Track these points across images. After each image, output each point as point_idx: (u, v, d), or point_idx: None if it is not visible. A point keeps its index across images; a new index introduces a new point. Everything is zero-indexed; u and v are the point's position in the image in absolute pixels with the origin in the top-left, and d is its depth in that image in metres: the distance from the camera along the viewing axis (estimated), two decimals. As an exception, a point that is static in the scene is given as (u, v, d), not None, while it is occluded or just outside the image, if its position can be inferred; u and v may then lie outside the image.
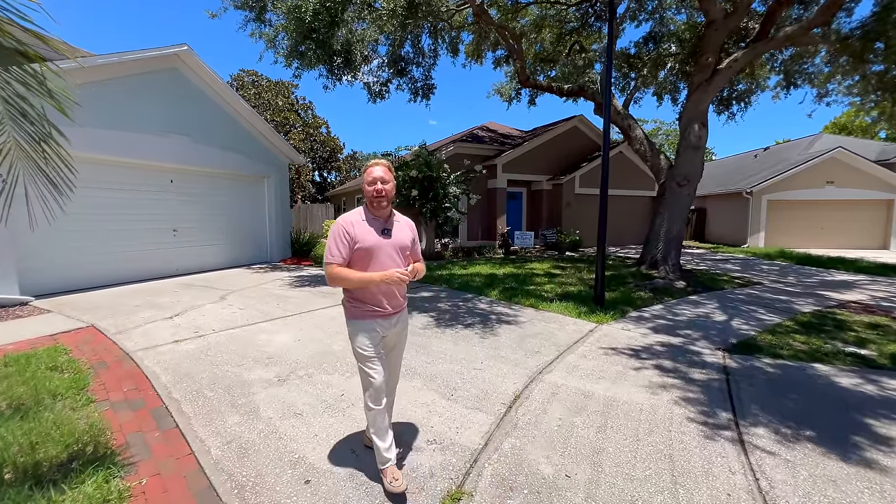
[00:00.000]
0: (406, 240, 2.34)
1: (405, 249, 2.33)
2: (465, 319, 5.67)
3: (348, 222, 2.22)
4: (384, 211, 2.28)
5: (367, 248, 2.19)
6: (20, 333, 4.48)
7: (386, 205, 2.25)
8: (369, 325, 2.23)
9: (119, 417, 2.92)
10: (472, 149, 14.94)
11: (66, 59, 6.37)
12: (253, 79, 24.72)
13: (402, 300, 2.38)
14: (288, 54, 7.56)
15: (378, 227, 2.25)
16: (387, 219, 2.31)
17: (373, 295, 2.23)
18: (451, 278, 8.61)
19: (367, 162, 13.84)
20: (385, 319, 2.27)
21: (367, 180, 2.24)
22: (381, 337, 2.28)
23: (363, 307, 2.24)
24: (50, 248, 6.10)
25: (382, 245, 2.23)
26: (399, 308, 2.35)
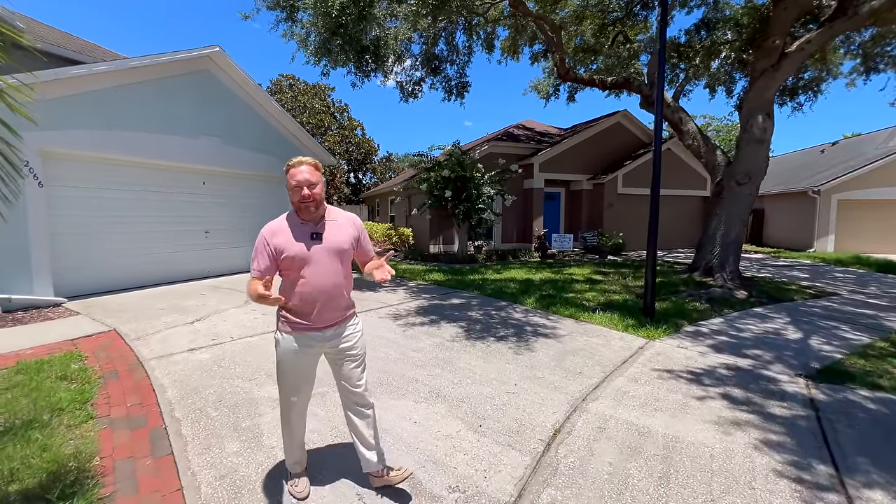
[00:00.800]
0: (342, 242, 2.08)
1: (344, 253, 2.09)
2: (497, 331, 5.19)
3: (270, 231, 2.01)
4: (314, 214, 2.03)
5: (292, 256, 1.97)
6: (45, 337, 4.44)
7: (315, 209, 2.02)
8: (296, 340, 2.04)
9: (114, 438, 2.67)
10: (507, 148, 14.38)
11: (99, 61, 6.47)
12: (290, 83, 25.26)
13: (341, 313, 2.12)
14: (315, 51, 7.37)
15: (306, 232, 2.02)
16: (317, 222, 2.06)
17: (306, 305, 2.01)
18: (483, 283, 8.13)
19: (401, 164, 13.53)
20: (317, 332, 2.05)
21: (290, 185, 1.99)
22: (313, 353, 2.10)
23: (290, 320, 2.04)
24: (85, 250, 6.18)
25: (313, 252, 2.00)
26: (335, 321, 2.09)
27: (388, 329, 5.14)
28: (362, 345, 2.22)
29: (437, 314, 5.91)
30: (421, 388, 3.49)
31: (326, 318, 2.06)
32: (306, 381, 2.15)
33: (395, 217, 18.79)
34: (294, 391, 2.12)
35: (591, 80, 11.40)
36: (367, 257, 2.27)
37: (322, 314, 2.04)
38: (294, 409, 2.15)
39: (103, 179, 6.35)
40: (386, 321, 5.50)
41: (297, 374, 2.10)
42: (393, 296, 7.05)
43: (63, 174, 5.86)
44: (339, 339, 2.11)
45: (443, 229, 13.65)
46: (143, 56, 6.51)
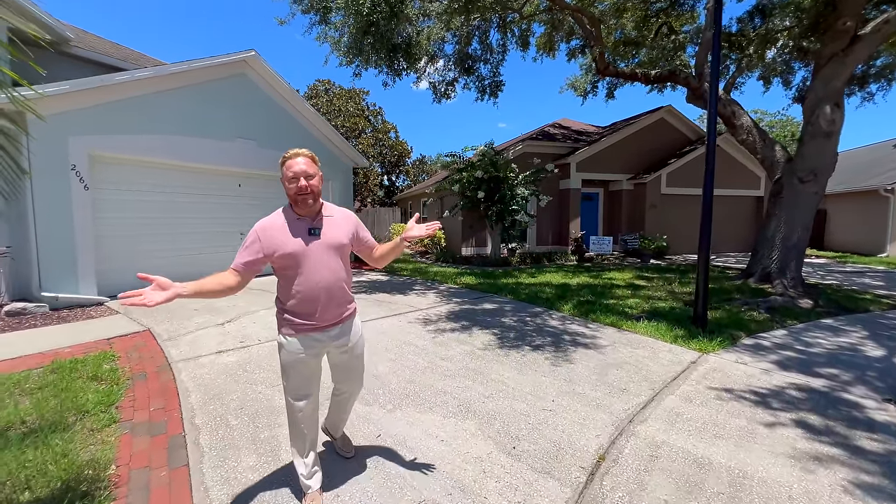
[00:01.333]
0: (341, 237, 2.01)
1: (342, 248, 2.02)
2: (533, 339, 4.86)
3: (262, 227, 1.92)
4: (311, 209, 1.95)
5: (289, 253, 1.88)
6: (84, 335, 4.54)
7: (312, 202, 1.92)
8: (301, 341, 1.95)
9: (133, 445, 2.60)
10: (542, 147, 13.93)
11: (143, 67, 6.67)
12: (326, 87, 25.79)
13: (344, 307, 2.05)
14: (347, 51, 7.32)
15: (303, 227, 1.94)
16: (314, 217, 1.97)
17: (308, 304, 1.93)
18: (517, 288, 7.79)
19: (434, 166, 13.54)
20: (321, 332, 1.98)
21: (286, 176, 1.90)
22: (318, 354, 2.02)
23: (294, 321, 1.95)
24: (126, 250, 6.38)
25: (311, 247, 1.92)
26: (338, 319, 2.02)
27: (416, 335, 4.93)
28: (363, 342, 2.22)
29: (469, 320, 5.66)
30: (450, 402, 3.25)
31: (330, 315, 1.98)
32: (314, 385, 2.07)
33: (428, 219, 18.71)
34: (303, 396, 2.03)
35: (632, 74, 10.81)
36: (369, 247, 2.20)
37: (325, 312, 1.96)
38: (305, 415, 2.04)
39: (144, 182, 6.55)
40: (415, 326, 5.30)
41: (305, 378, 2.02)
42: (423, 299, 6.86)
43: (107, 177, 6.07)
44: (345, 338, 2.06)
45: (475, 231, 13.37)
46: (182, 62, 6.67)
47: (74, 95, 5.50)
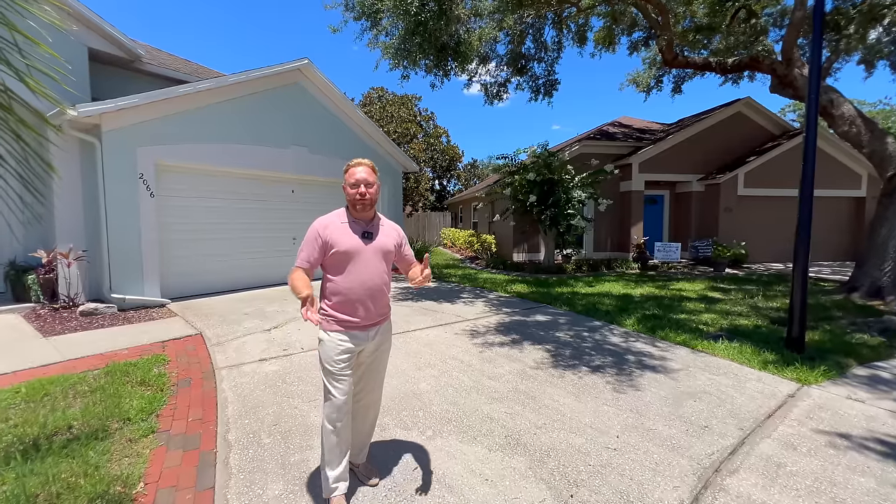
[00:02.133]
0: (389, 245, 2.16)
1: (389, 255, 2.16)
2: (591, 358, 4.36)
3: (322, 225, 2.07)
4: (367, 214, 2.11)
5: (344, 251, 2.03)
6: (142, 337, 4.71)
7: (369, 208, 2.09)
8: (344, 338, 2.04)
9: (165, 461, 2.51)
10: (601, 147, 13.12)
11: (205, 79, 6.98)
12: (380, 94, 26.36)
13: (384, 310, 2.18)
14: (395, 53, 7.20)
15: (358, 230, 2.08)
16: (369, 222, 2.13)
17: (352, 305, 2.04)
18: (573, 298, 7.23)
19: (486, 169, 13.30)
20: (363, 331, 2.09)
21: (348, 182, 2.06)
22: (357, 351, 2.09)
23: (339, 317, 2.05)
24: (186, 255, 6.68)
25: (363, 249, 2.06)
26: (378, 319, 2.14)
27: (462, 349, 4.61)
28: (390, 347, 2.31)
29: (520, 333, 5.24)
30: (496, 431, 2.89)
31: (371, 315, 2.09)
32: (348, 382, 2.09)
33: (478, 224, 18.37)
34: (340, 391, 2.05)
35: (705, 64, 9.81)
36: (408, 264, 2.31)
37: (367, 312, 2.07)
38: (339, 411, 2.05)
39: (204, 189, 6.84)
40: (461, 339, 4.98)
41: (341, 374, 2.05)
42: (471, 308, 6.53)
43: (170, 185, 6.39)
44: (379, 338, 2.17)
45: (527, 236, 12.83)
46: (240, 72, 6.91)
47: (142, 108, 5.83)
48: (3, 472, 2.26)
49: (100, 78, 6.49)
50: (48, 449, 2.49)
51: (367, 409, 2.31)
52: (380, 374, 2.28)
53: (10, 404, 3.05)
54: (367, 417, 2.33)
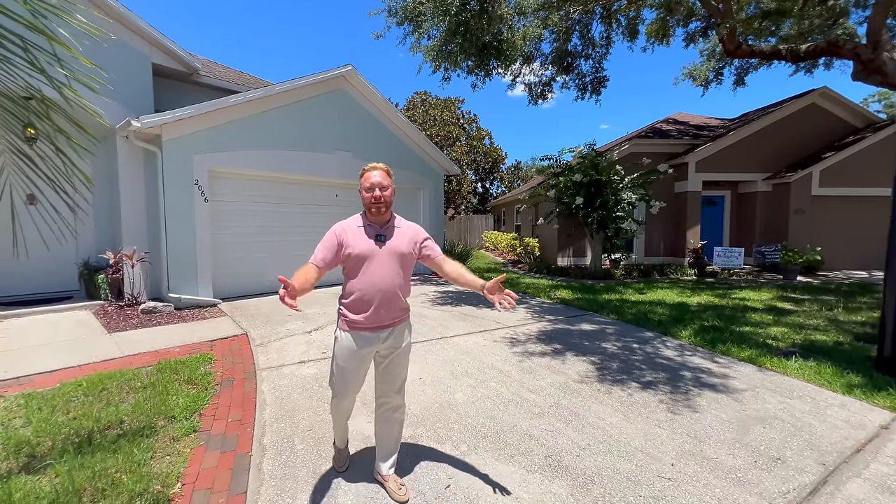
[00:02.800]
0: (402, 246, 2.16)
1: (403, 256, 2.16)
2: (641, 373, 4.03)
3: (341, 228, 2.15)
4: (382, 217, 2.16)
5: (357, 254, 2.08)
6: (193, 336, 4.94)
7: (384, 211, 2.14)
8: (353, 338, 2.11)
9: (203, 461, 2.54)
10: (653, 146, 12.38)
11: (255, 89, 7.28)
12: (423, 99, 26.60)
13: (398, 314, 2.19)
14: (436, 56, 7.15)
15: (372, 233, 2.14)
16: (383, 225, 2.17)
17: (363, 304, 2.09)
18: (622, 306, 6.81)
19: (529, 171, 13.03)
20: (373, 333, 2.12)
21: (364, 186, 2.13)
22: (367, 353, 2.15)
23: (349, 318, 2.12)
24: (237, 257, 6.98)
25: (376, 252, 2.10)
26: (390, 322, 2.15)
27: (501, 358, 4.43)
28: (407, 357, 2.28)
29: (563, 342, 4.97)
30: (536, 450, 2.69)
31: (383, 317, 2.11)
32: (357, 381, 2.20)
33: (521, 227, 18.00)
34: (344, 389, 2.18)
35: (773, 52, 8.94)
36: (434, 260, 2.24)
37: (379, 313, 2.09)
38: (343, 404, 2.24)
39: (251, 194, 7.12)
40: (500, 347, 4.79)
41: (351, 373, 2.15)
42: (511, 315, 6.31)
43: (221, 190, 6.70)
44: (392, 340, 2.17)
45: (573, 240, 12.35)
46: (287, 81, 7.15)
47: (198, 118, 6.16)
48: (57, 464, 2.37)
49: (161, 91, 6.96)
50: (99, 443, 2.60)
51: (390, 416, 2.30)
52: (397, 378, 2.26)
53: (72, 397, 3.25)
54: (392, 425, 2.31)
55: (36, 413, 2.98)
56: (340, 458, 2.47)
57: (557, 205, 10.58)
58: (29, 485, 2.21)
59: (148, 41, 6.50)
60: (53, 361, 3.99)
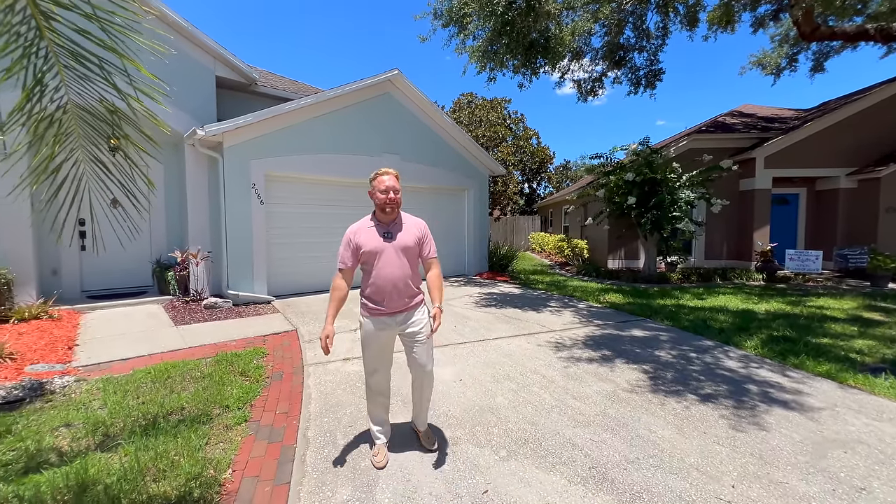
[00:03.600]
0: (409, 241, 2.45)
1: (409, 250, 2.44)
2: (699, 384, 3.74)
3: (353, 230, 2.45)
4: (390, 216, 2.44)
5: (369, 250, 2.38)
6: (248, 330, 5.23)
7: (391, 210, 2.42)
8: (373, 322, 2.44)
9: (252, 450, 2.67)
10: (715, 141, 11.55)
11: (306, 95, 7.60)
12: (469, 100, 26.58)
13: (410, 299, 2.47)
14: (481, 56, 7.10)
15: (381, 231, 2.43)
16: (390, 223, 2.45)
17: (377, 292, 2.41)
18: (677, 312, 6.39)
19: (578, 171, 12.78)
20: (388, 317, 2.43)
21: (378, 189, 2.39)
22: (386, 335, 2.47)
23: (368, 305, 2.45)
24: (289, 256, 7.32)
25: (384, 247, 2.39)
26: (402, 307, 2.45)
27: (544, 363, 4.29)
28: (427, 330, 2.51)
29: (612, 349, 4.74)
30: (579, 460, 2.57)
31: (395, 304, 2.42)
32: (383, 360, 2.53)
33: (569, 228, 17.47)
34: (373, 367, 2.52)
35: (859, 32, 8.04)
36: (425, 260, 2.56)
37: (391, 301, 2.41)
38: (374, 383, 2.54)
39: (303, 196, 7.44)
40: (544, 351, 4.65)
41: (375, 352, 2.49)
42: (557, 318, 6.11)
43: (275, 193, 7.06)
44: (406, 325, 2.47)
45: (624, 241, 11.79)
46: (336, 87, 7.40)
47: (255, 125, 6.54)
48: (126, 445, 2.59)
49: (222, 101, 7.46)
50: (162, 427, 2.81)
51: (420, 386, 2.58)
52: (421, 356, 2.50)
53: (142, 383, 3.55)
54: (422, 394, 2.62)
55: (111, 396, 3.27)
56: (378, 454, 2.54)
57: (608, 205, 10.15)
58: (102, 461, 2.43)
59: (212, 55, 7.01)
60: (128, 350, 4.38)
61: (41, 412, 3.03)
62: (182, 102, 6.61)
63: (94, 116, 2.36)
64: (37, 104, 2.17)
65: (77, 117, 2.34)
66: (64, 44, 2.06)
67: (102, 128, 2.38)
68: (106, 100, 2.29)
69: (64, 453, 2.53)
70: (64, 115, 2.30)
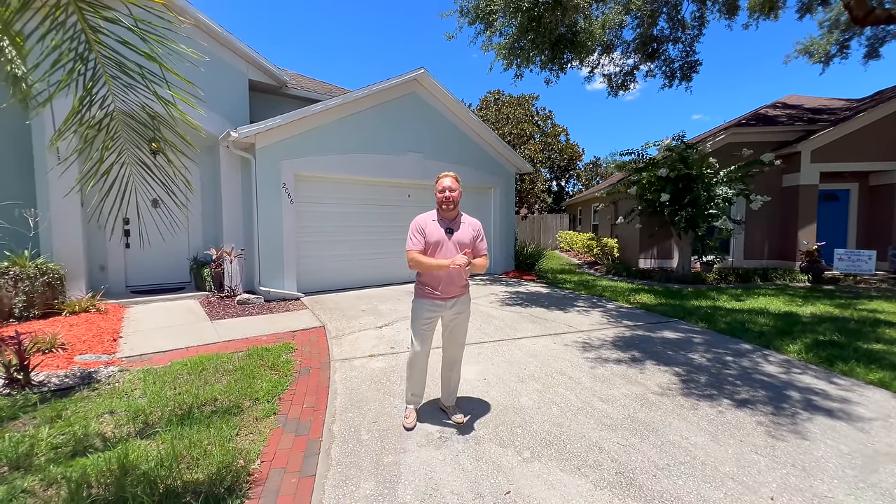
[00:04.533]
0: (465, 238, 2.78)
1: (465, 246, 2.75)
2: (736, 389, 3.57)
3: (423, 220, 2.79)
4: (451, 213, 2.79)
5: (433, 242, 2.72)
6: (278, 326, 5.39)
7: (452, 208, 2.76)
8: (427, 304, 2.80)
9: (280, 442, 2.74)
10: (755, 134, 10.98)
11: (334, 96, 7.75)
12: (496, 97, 26.36)
13: (460, 290, 2.84)
14: (508, 53, 7.02)
15: (444, 226, 2.77)
16: (452, 220, 2.80)
17: (435, 281, 2.76)
18: (713, 313, 6.13)
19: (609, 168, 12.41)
20: (442, 301, 2.79)
21: (437, 188, 2.76)
22: (437, 316, 2.83)
23: (425, 289, 2.80)
24: (317, 254, 7.49)
25: (446, 241, 2.74)
26: (455, 294, 2.82)
27: (570, 363, 4.20)
28: (467, 321, 2.98)
29: (642, 350, 4.59)
30: (606, 464, 2.50)
31: (449, 290, 2.79)
32: (428, 336, 2.88)
33: (599, 226, 17.06)
34: (422, 342, 2.86)
35: (919, 14, 7.43)
36: (478, 254, 2.86)
37: (446, 288, 2.77)
38: (417, 355, 2.88)
39: (330, 195, 7.59)
40: (571, 351, 4.55)
41: (426, 329, 2.85)
42: (585, 318, 5.98)
43: (303, 193, 7.24)
44: (454, 309, 2.85)
45: (657, 240, 11.41)
46: (363, 88, 7.50)
47: (285, 127, 6.73)
48: (163, 433, 2.72)
49: (255, 104, 7.71)
50: (196, 417, 2.93)
51: (451, 363, 3.00)
52: (459, 336, 2.95)
53: (179, 374, 3.71)
54: (453, 369, 3.02)
55: (151, 386, 3.44)
56: (409, 416, 2.95)
57: (639, 202, 9.84)
58: (141, 447, 2.55)
59: (245, 59, 7.25)
60: (167, 342, 4.60)
61: (88, 399, 3.22)
62: (216, 106, 6.87)
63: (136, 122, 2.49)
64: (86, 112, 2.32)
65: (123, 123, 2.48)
66: (110, 55, 2.18)
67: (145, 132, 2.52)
68: (147, 106, 2.41)
69: (108, 439, 2.68)
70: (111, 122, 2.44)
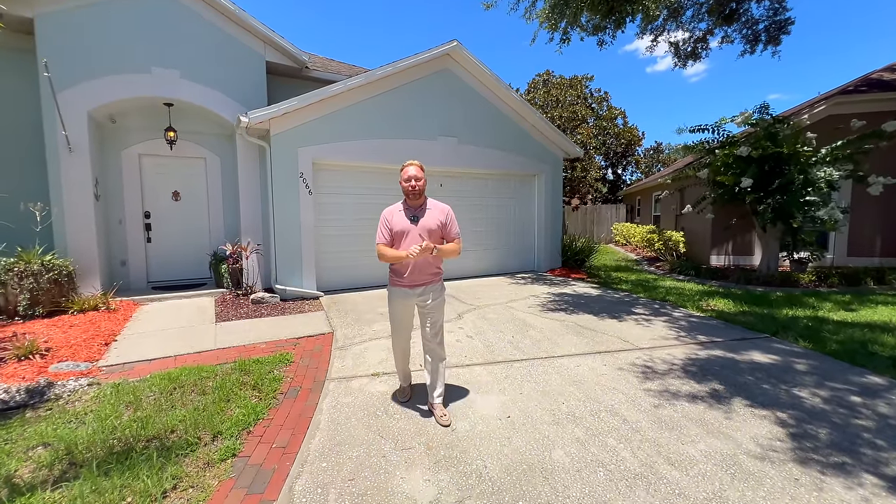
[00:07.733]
0: (432, 224, 2.82)
1: (432, 232, 2.80)
2: (878, 455, 2.42)
3: (389, 213, 2.87)
4: (417, 201, 2.86)
5: (398, 231, 2.81)
6: (283, 331, 4.82)
7: (418, 196, 2.82)
8: (396, 291, 2.88)
9: (226, 501, 2.08)
10: (867, 103, 8.93)
11: (351, 76, 7.05)
12: (545, 79, 24.64)
13: (429, 277, 2.87)
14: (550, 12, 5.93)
15: (409, 214, 2.84)
16: (417, 208, 2.86)
17: (403, 268, 2.82)
18: (818, 327, 4.78)
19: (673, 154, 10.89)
20: (409, 289, 2.84)
21: (402, 178, 2.81)
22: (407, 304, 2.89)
23: (393, 278, 2.91)
24: (338, 248, 6.88)
25: (410, 229, 2.79)
26: (423, 282, 2.85)
27: (626, 397, 3.19)
28: (440, 310, 2.95)
29: (724, 381, 3.47)
30: None
31: (416, 279, 2.83)
32: (405, 324, 2.96)
33: (661, 217, 15.27)
34: (396, 329, 2.98)
35: None
36: (449, 238, 2.90)
37: (413, 275, 2.82)
38: (395, 343, 3.04)
39: (352, 185, 6.94)
40: (626, 379, 3.53)
41: (398, 316, 2.93)
42: (644, 331, 4.86)
43: (323, 182, 6.64)
44: (424, 297, 2.87)
45: (733, 233, 9.76)
46: (387, 65, 6.74)
47: (302, 110, 6.14)
48: (82, 481, 2.14)
49: (274, 88, 7.20)
50: (136, 458, 2.35)
51: (432, 353, 2.96)
52: (434, 324, 2.90)
53: (149, 393, 3.19)
54: (433, 360, 2.96)
55: (108, 408, 2.93)
56: (403, 392, 3.15)
57: (712, 188, 8.35)
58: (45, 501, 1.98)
59: (262, 39, 6.73)
60: (158, 349, 4.16)
61: (29, 425, 2.75)
62: (231, 90, 6.42)
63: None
64: None
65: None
66: None
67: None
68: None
69: (17, 487, 2.15)
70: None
